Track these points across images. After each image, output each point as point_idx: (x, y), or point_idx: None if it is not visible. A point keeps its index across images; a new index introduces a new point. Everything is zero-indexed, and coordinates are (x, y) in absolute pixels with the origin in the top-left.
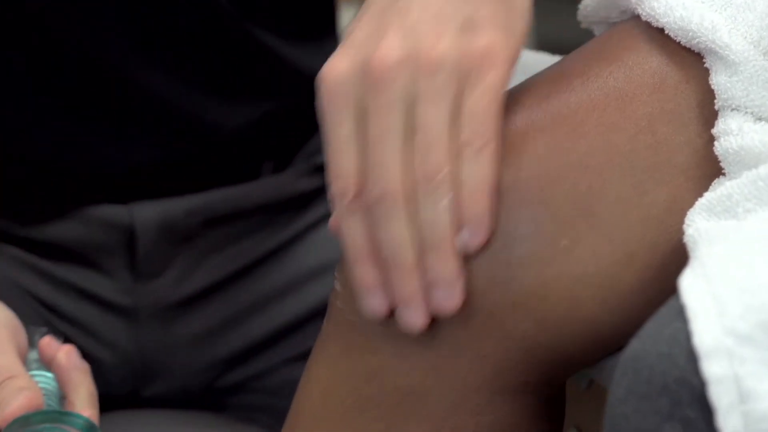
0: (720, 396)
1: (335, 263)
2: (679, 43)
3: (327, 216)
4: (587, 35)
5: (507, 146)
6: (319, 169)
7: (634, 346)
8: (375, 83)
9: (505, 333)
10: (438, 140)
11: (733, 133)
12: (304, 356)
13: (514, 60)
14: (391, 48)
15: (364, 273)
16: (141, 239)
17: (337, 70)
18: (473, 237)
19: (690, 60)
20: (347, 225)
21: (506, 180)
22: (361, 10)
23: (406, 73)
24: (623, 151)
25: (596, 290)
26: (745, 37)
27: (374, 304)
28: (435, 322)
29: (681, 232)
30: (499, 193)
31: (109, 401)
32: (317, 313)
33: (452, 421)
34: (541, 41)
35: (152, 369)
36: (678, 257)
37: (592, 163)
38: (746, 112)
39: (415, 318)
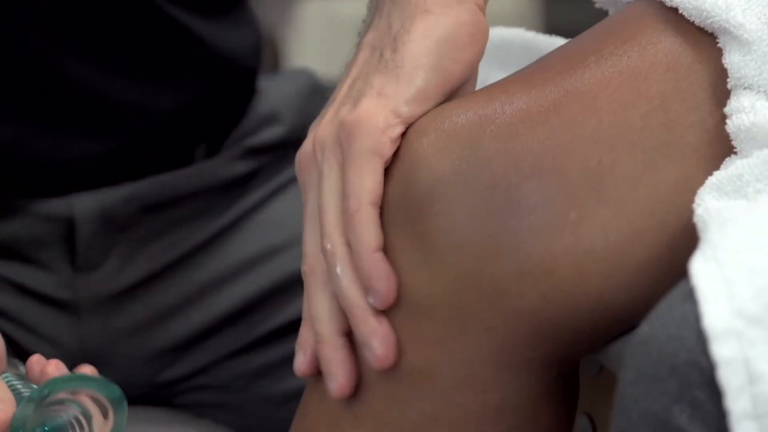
0: (729, 378)
1: (276, 248)
2: (692, 22)
3: (265, 200)
4: (599, 18)
5: (521, 118)
6: (252, 153)
7: (644, 328)
8: (298, 174)
9: (511, 305)
10: (326, 213)
11: (745, 111)
12: (249, 348)
13: (392, 121)
14: (306, 143)
15: (301, 332)
16: (80, 231)
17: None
18: (374, 300)
19: (703, 40)
20: (305, 290)
21: (518, 149)
22: None
23: (312, 161)
24: (635, 128)
25: (603, 265)
26: (759, 17)
27: (296, 359)
28: (440, 293)
29: (690, 211)
30: (384, 253)
31: None
32: (259, 302)
33: (457, 399)
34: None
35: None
36: (687, 236)
37: (604, 138)
38: (759, 91)
39: (331, 386)
